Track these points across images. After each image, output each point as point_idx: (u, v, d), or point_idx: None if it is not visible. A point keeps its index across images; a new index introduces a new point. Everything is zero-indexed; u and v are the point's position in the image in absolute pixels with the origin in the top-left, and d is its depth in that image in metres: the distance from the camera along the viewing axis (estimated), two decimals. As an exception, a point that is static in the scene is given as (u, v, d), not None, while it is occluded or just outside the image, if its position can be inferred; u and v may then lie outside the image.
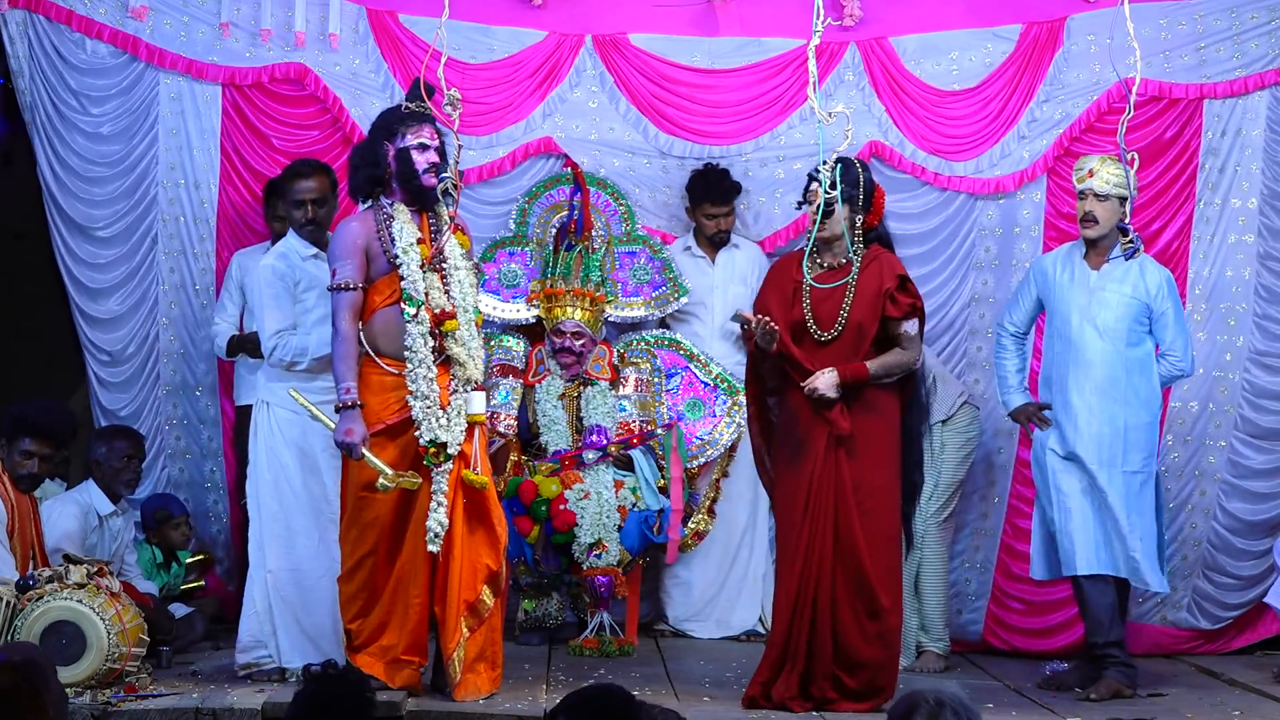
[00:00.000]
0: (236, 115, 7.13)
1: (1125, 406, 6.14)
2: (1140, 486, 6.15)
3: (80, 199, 7.09)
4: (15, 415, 6.06)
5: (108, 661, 5.41)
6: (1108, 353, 6.15)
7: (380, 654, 5.60)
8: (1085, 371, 6.18)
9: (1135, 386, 6.16)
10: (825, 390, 5.61)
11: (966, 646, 7.12)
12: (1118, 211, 6.15)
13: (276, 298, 5.98)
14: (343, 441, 5.48)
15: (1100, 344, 6.16)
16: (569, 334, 7.06)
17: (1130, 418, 6.14)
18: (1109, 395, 6.15)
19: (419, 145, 5.64)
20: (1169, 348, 6.20)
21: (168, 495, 7.06)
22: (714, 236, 7.32)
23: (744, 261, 7.33)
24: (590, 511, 6.80)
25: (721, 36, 7.40)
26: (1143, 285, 6.17)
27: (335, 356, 5.56)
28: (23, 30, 6.99)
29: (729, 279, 7.31)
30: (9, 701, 3.45)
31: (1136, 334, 6.18)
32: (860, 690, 5.63)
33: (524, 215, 7.31)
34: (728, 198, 7.26)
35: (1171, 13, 7.11)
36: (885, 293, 5.68)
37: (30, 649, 3.69)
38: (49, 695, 3.50)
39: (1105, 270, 6.21)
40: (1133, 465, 6.14)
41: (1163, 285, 6.20)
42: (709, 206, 7.28)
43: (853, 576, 5.64)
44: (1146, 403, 6.19)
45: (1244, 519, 7.10)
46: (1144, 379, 6.17)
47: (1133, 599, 6.86)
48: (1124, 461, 6.13)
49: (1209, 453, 7.11)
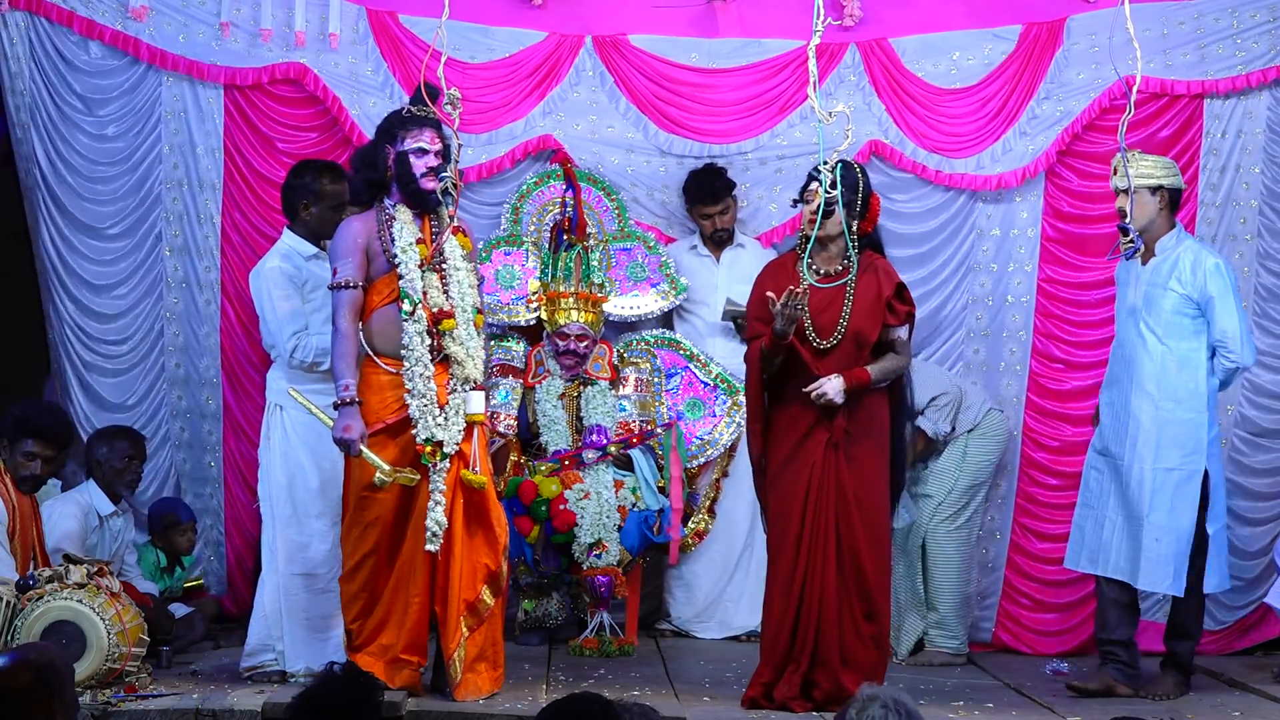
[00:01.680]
0: (238, 116, 7.14)
1: (1165, 402, 6.02)
2: (1177, 485, 6.01)
3: (84, 197, 7.10)
4: (17, 416, 6.05)
5: (108, 661, 5.41)
6: (1152, 347, 6.05)
7: (380, 653, 5.60)
8: (1129, 367, 6.12)
9: (1178, 382, 6.02)
10: (834, 396, 5.59)
11: (979, 646, 7.15)
12: (1151, 202, 6.06)
13: (289, 299, 5.97)
14: (341, 438, 5.49)
15: (1145, 338, 6.07)
16: (573, 337, 7.06)
17: (1169, 414, 6.01)
18: (1146, 391, 6.04)
19: (418, 149, 5.65)
20: (1218, 337, 6.03)
21: (176, 500, 7.05)
22: (714, 235, 7.33)
23: (750, 260, 7.32)
24: (590, 511, 6.80)
25: (721, 37, 7.40)
26: (1188, 275, 6.03)
27: (334, 354, 5.57)
28: (23, 32, 7.00)
29: (732, 278, 7.31)
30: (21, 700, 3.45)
31: (1182, 327, 6.03)
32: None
33: (516, 214, 7.31)
34: (719, 197, 7.25)
35: (1171, 12, 7.11)
36: (885, 301, 5.68)
37: (52, 652, 3.67)
38: (61, 702, 3.50)
39: (1154, 264, 6.10)
40: (1169, 462, 6.01)
41: (1207, 273, 6.01)
42: (702, 206, 7.28)
43: (853, 580, 5.64)
44: (1189, 399, 6.02)
45: (1245, 516, 7.09)
46: (1189, 374, 6.02)
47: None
48: (1157, 458, 6.02)
49: (1211, 450, 7.11)
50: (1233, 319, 6.03)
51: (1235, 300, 6.07)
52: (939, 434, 6.87)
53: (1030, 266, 7.24)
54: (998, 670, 6.69)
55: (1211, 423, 6.09)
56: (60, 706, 3.50)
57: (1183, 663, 6.18)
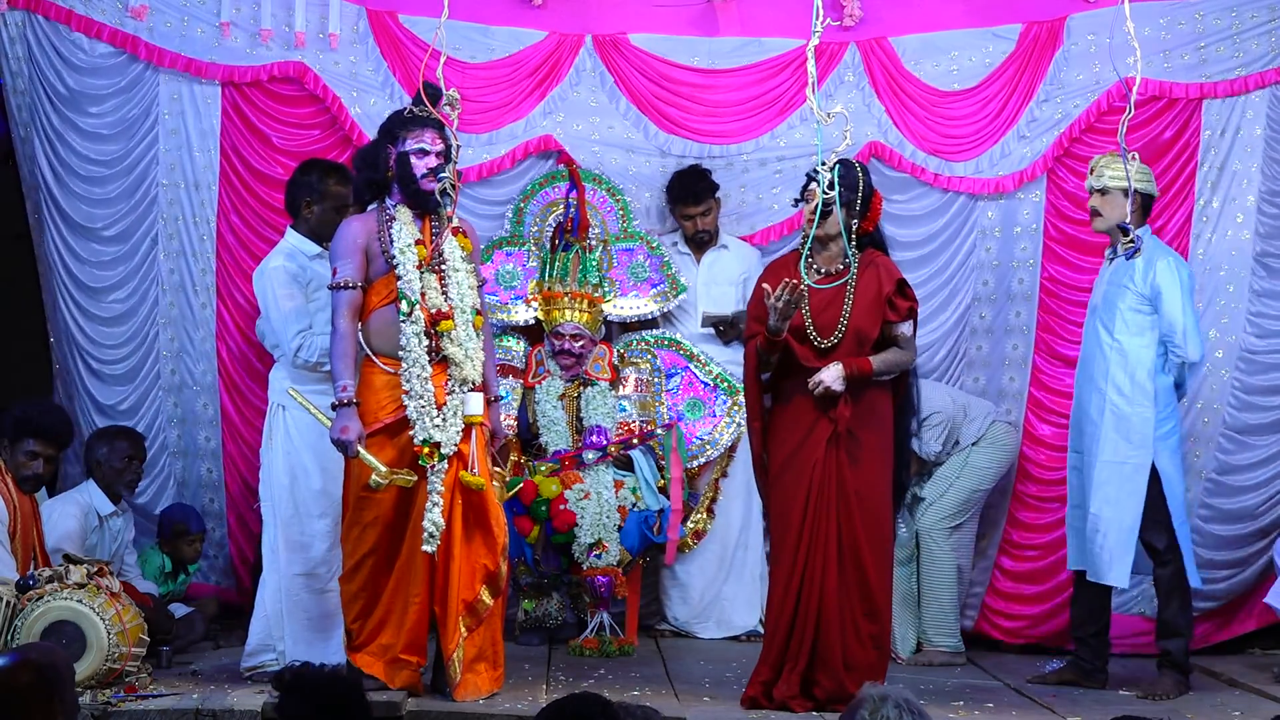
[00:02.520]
0: (236, 115, 7.12)
1: (1114, 396, 6.14)
2: (1122, 478, 6.12)
3: (81, 198, 7.08)
4: (18, 417, 6.05)
5: (108, 661, 5.41)
6: (1105, 343, 6.20)
7: (380, 653, 5.61)
8: (1087, 365, 6.30)
9: (1125, 376, 6.14)
10: (831, 383, 5.59)
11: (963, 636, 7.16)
12: (1121, 205, 6.13)
13: (292, 297, 5.97)
14: (338, 439, 5.49)
15: (1099, 335, 6.23)
16: (568, 336, 7.06)
17: (1116, 408, 6.14)
18: (1098, 386, 6.20)
19: (418, 150, 5.66)
20: (1165, 331, 6.14)
21: (190, 510, 7.02)
22: (696, 236, 7.31)
23: (733, 263, 7.33)
24: (590, 511, 6.80)
25: (721, 36, 7.40)
26: (1141, 272, 6.15)
27: (333, 355, 5.58)
28: (22, 31, 7.00)
29: (712, 280, 7.31)
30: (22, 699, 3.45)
31: (1134, 324, 6.15)
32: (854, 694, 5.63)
33: (520, 215, 7.31)
34: (701, 198, 7.24)
35: (1171, 12, 7.11)
36: (885, 298, 5.68)
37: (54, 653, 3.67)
38: (62, 702, 3.50)
39: (1117, 263, 6.23)
40: (1115, 455, 6.13)
41: (1158, 270, 6.14)
42: (684, 206, 7.28)
43: (854, 579, 5.65)
44: (1136, 393, 6.13)
45: (1224, 509, 7.09)
46: (1137, 369, 6.13)
47: (1114, 590, 6.91)
48: (1103, 451, 6.15)
49: (1196, 448, 7.09)
50: (1180, 314, 6.13)
51: (1185, 297, 6.16)
52: (929, 455, 6.87)
53: (1033, 263, 7.23)
54: (998, 670, 6.69)
55: (1165, 419, 6.17)
56: (61, 707, 3.50)
57: (1178, 661, 6.19)
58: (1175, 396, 6.26)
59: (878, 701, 3.29)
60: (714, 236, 7.36)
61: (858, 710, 3.31)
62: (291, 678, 3.77)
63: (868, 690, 3.37)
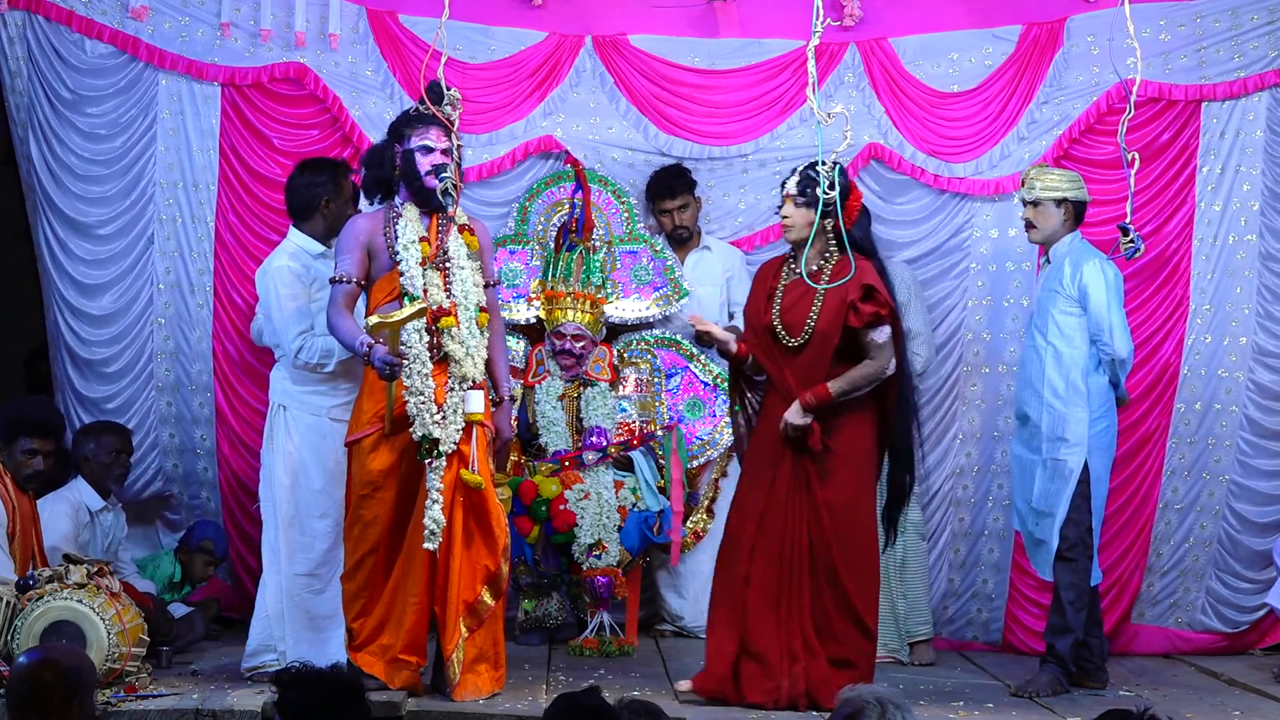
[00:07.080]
0: (235, 115, 7.12)
1: (1048, 397, 6.20)
2: (1051, 476, 6.19)
3: (78, 197, 7.08)
4: (11, 416, 6.02)
5: (108, 661, 5.41)
6: (1039, 346, 6.28)
7: (380, 653, 5.61)
8: (1025, 368, 6.40)
9: (1057, 377, 6.20)
10: (794, 421, 5.68)
11: (990, 647, 7.20)
12: (1056, 214, 6.24)
13: (295, 298, 5.96)
14: (385, 360, 5.36)
15: (1034, 339, 6.33)
16: (569, 336, 7.07)
17: (1050, 408, 6.20)
18: (1034, 388, 6.27)
19: (423, 147, 5.68)
20: (1093, 330, 6.20)
21: (222, 533, 7.05)
22: (674, 234, 7.30)
23: (716, 264, 7.32)
24: (590, 512, 6.80)
25: (721, 37, 7.40)
26: (1068, 274, 6.22)
27: (333, 328, 5.58)
28: (21, 31, 7.00)
29: (695, 281, 7.28)
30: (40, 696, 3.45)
31: (1064, 325, 6.21)
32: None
33: (524, 214, 7.31)
34: (676, 191, 7.23)
35: (1171, 13, 7.11)
36: (848, 303, 5.68)
37: (82, 659, 3.68)
38: (81, 708, 3.50)
39: (1048, 270, 6.34)
40: (1050, 454, 6.20)
41: (1084, 270, 6.20)
42: (660, 201, 7.26)
43: (837, 599, 5.68)
44: (1069, 393, 6.18)
45: (1251, 520, 7.11)
46: (1069, 369, 6.19)
47: (1147, 601, 6.94)
48: (1039, 451, 6.22)
49: (1216, 453, 7.11)
50: (1106, 311, 6.19)
51: (1111, 295, 6.21)
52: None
53: (1030, 265, 7.23)
54: (998, 670, 6.69)
55: (1099, 419, 6.22)
56: (80, 712, 3.50)
57: (1062, 658, 6.16)
58: (1111, 396, 6.30)
59: (879, 706, 3.27)
60: (694, 236, 7.35)
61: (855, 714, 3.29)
62: (292, 677, 3.78)
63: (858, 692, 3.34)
